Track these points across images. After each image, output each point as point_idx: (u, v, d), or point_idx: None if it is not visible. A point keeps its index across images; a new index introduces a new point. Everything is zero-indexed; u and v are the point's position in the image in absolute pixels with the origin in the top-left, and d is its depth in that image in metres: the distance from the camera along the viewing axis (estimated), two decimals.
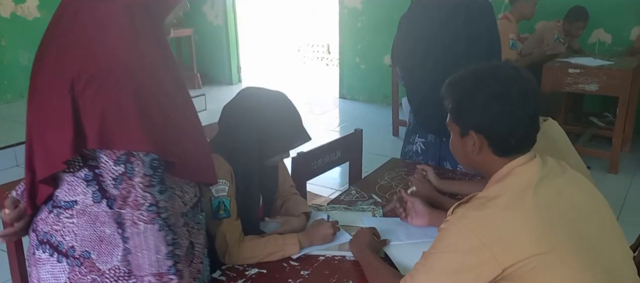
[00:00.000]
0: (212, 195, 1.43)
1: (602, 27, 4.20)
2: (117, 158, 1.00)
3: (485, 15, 2.09)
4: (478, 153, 1.16)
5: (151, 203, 1.02)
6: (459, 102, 1.18)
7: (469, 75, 1.20)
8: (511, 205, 1.05)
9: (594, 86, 3.47)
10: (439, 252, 1.10)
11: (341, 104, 5.72)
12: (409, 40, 2.19)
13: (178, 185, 1.15)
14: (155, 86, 1.02)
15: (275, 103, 1.52)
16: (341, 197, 1.87)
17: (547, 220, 1.03)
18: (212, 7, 6.38)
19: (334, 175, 3.47)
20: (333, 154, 2.12)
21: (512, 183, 1.09)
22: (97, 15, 1.02)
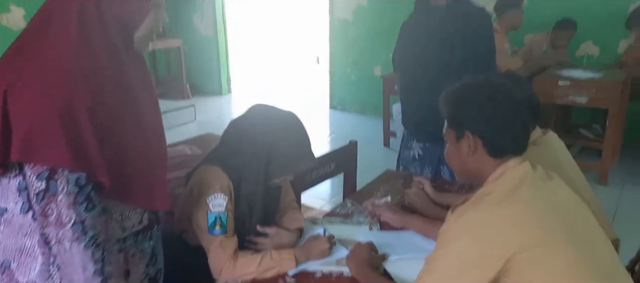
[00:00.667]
0: (208, 209, 1.40)
1: (590, 39, 4.25)
2: (39, 173, 0.98)
3: (484, 26, 2.16)
4: (473, 155, 1.19)
5: (76, 221, 1.00)
6: (454, 106, 1.23)
7: (464, 83, 1.26)
8: (504, 199, 1.09)
9: (584, 98, 3.49)
10: (441, 254, 1.12)
11: (331, 114, 5.71)
12: (409, 45, 2.24)
13: (118, 210, 1.12)
14: (94, 103, 0.99)
15: (285, 123, 1.49)
16: (337, 210, 1.84)
17: (541, 214, 1.07)
18: (202, 18, 6.35)
19: (326, 186, 3.44)
20: (327, 166, 2.10)
21: (506, 180, 1.13)
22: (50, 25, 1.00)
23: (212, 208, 1.39)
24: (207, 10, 6.28)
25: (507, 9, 3.71)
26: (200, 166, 1.51)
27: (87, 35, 1.00)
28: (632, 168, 3.78)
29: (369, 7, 5.31)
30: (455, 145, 1.23)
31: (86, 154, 0.99)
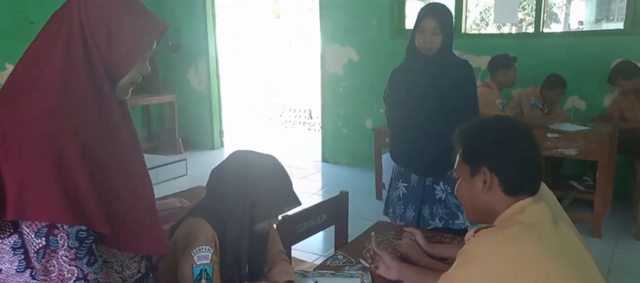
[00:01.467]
0: (193, 262, 1.37)
1: (576, 94, 4.35)
2: (38, 230, 0.95)
3: (466, 75, 2.40)
4: (487, 192, 1.19)
5: (78, 277, 0.97)
6: (471, 142, 1.24)
7: (480, 121, 1.31)
8: (528, 231, 1.10)
9: (573, 151, 3.53)
10: (459, 274, 1.12)
11: (323, 167, 5.71)
12: (400, 88, 2.45)
13: (118, 260, 1.10)
14: (85, 153, 0.97)
15: (265, 166, 1.49)
16: (328, 262, 1.80)
17: (559, 253, 1.10)
18: (196, 72, 6.45)
19: (318, 240, 3.39)
20: (318, 217, 2.08)
21: (528, 216, 1.14)
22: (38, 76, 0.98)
23: (198, 261, 1.37)
24: (201, 66, 6.39)
25: (499, 69, 3.88)
26: (185, 218, 1.49)
27: (75, 86, 1.00)
28: (625, 221, 3.77)
29: (359, 62, 5.43)
30: (469, 181, 1.23)
31: (84, 206, 0.96)
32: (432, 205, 2.43)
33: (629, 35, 4.17)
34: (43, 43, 1.02)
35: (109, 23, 1.02)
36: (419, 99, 2.33)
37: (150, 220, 1.13)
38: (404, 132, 2.43)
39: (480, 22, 10.18)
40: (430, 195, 2.43)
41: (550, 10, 11.06)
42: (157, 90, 6.00)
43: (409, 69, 2.40)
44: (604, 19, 11.36)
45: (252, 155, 1.53)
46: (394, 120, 2.51)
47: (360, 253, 1.84)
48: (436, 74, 2.29)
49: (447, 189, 2.41)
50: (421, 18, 2.29)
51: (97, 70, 1.02)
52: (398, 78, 2.46)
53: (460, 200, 1.31)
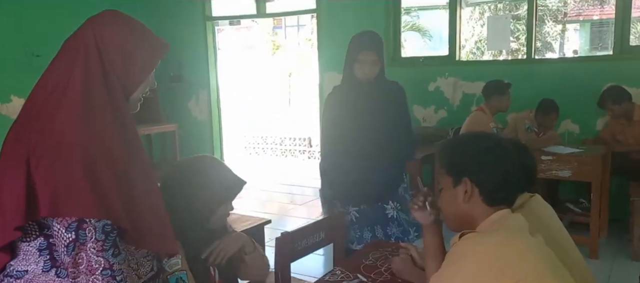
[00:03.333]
0: (167, 272, 1.42)
1: (569, 117, 4.44)
2: (68, 225, 1.04)
3: (400, 96, 2.55)
4: (468, 201, 1.27)
5: (105, 267, 1.06)
6: (454, 154, 1.32)
7: (463, 136, 1.37)
8: (516, 235, 1.19)
9: (567, 172, 3.59)
10: (448, 273, 1.17)
11: None
12: (338, 116, 2.54)
13: (134, 258, 1.19)
14: (108, 159, 1.08)
15: (197, 163, 1.59)
16: (326, 277, 1.85)
17: (542, 253, 1.18)
18: (197, 102, 6.56)
19: (318, 262, 3.42)
20: (317, 235, 2.13)
21: (511, 222, 1.23)
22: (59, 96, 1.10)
23: (170, 270, 1.43)
24: (202, 96, 6.50)
25: (493, 95, 3.98)
26: None
27: (96, 101, 1.11)
28: (622, 243, 3.79)
29: None
30: (451, 191, 1.31)
31: (109, 203, 1.06)
32: (385, 226, 2.49)
33: (618, 61, 4.29)
34: (61, 68, 1.14)
35: (124, 46, 1.16)
36: (362, 125, 2.44)
37: (164, 221, 1.22)
38: (347, 162, 2.47)
39: (476, 51, 10.38)
40: (381, 216, 2.50)
41: (545, 39, 11.29)
42: (158, 120, 6.09)
43: (348, 96, 2.49)
44: (597, 47, 11.59)
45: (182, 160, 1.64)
46: (331, 150, 2.57)
47: (359, 269, 1.89)
48: (375, 98, 2.44)
49: (397, 206, 2.48)
50: (360, 50, 2.40)
51: (115, 88, 1.15)
52: (335, 104, 2.55)
53: (442, 210, 1.39)
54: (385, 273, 1.85)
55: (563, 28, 12.25)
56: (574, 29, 12.80)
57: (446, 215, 1.38)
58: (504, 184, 1.26)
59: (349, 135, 2.45)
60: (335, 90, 2.58)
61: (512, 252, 1.15)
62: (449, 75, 4.96)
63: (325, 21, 5.61)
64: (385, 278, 1.82)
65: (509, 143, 1.34)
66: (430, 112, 5.08)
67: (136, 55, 1.17)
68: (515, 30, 9.04)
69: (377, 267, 1.91)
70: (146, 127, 5.81)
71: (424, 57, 5.39)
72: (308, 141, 8.29)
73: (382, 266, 1.91)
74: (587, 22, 12.41)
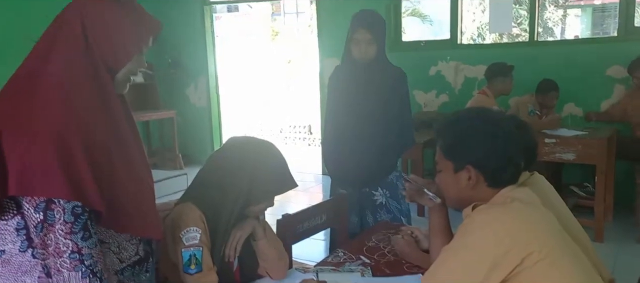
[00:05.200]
0: (183, 245, 1.38)
1: (572, 101, 4.38)
2: (36, 205, 1.01)
3: (400, 81, 2.43)
4: (472, 188, 1.23)
5: (73, 250, 1.02)
6: (455, 139, 1.26)
7: (463, 116, 1.31)
8: (530, 204, 1.18)
9: (571, 155, 3.54)
10: (460, 245, 1.15)
11: (324, 180, 5.71)
12: (337, 98, 2.46)
13: (115, 241, 1.14)
14: (85, 137, 1.04)
15: (264, 148, 1.53)
16: (329, 259, 1.81)
17: (553, 224, 1.18)
18: (195, 89, 6.50)
19: (319, 248, 3.39)
20: (318, 218, 2.08)
21: (521, 195, 1.21)
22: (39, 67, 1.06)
23: (186, 243, 1.38)
24: (200, 82, 6.44)
25: (496, 77, 3.93)
26: (177, 205, 1.52)
27: (76, 76, 1.06)
28: (627, 227, 3.75)
29: None
30: (452, 176, 1.27)
31: (81, 184, 1.02)
32: (374, 212, 2.43)
33: (623, 43, 4.22)
34: (46, 40, 1.10)
35: (108, 18, 1.10)
36: (355, 107, 2.36)
37: (147, 205, 1.18)
38: (340, 143, 2.43)
39: (477, 38, 10.29)
40: (370, 201, 2.43)
41: (546, 24, 11.19)
42: (157, 106, 6.04)
43: (345, 77, 2.44)
44: (599, 33, 11.49)
45: (249, 139, 1.58)
46: (330, 130, 2.51)
47: (361, 250, 1.85)
48: (372, 81, 2.35)
49: (386, 193, 2.41)
50: (355, 29, 2.33)
51: (96, 63, 1.09)
52: (335, 86, 2.49)
53: (442, 190, 1.35)
54: (389, 255, 1.81)
55: (564, 13, 12.15)
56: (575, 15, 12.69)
57: (447, 197, 1.35)
58: (508, 167, 1.23)
59: (343, 118, 2.41)
60: (336, 70, 2.53)
61: (525, 223, 1.14)
62: (450, 59, 4.89)
63: (324, 7, 5.53)
64: (388, 260, 1.78)
65: (510, 122, 1.28)
66: (432, 96, 5.02)
67: (121, 29, 1.11)
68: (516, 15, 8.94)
69: (380, 248, 1.87)
70: (144, 114, 5.76)
71: (425, 41, 5.32)
72: (308, 128, 8.24)
73: (385, 248, 1.87)
74: (589, 7, 12.30)
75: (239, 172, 1.46)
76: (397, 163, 2.52)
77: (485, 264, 1.11)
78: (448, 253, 1.19)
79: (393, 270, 1.69)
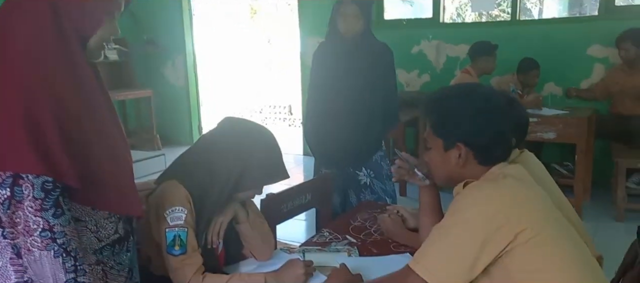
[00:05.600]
0: (167, 224, 1.32)
1: (552, 81, 4.40)
2: (2, 181, 0.94)
3: (385, 57, 2.37)
4: (463, 165, 1.20)
5: (44, 228, 0.96)
6: (445, 117, 1.22)
7: (452, 92, 1.27)
8: (521, 181, 1.16)
9: (552, 134, 3.56)
10: (451, 222, 1.13)
11: (305, 161, 5.67)
12: (321, 75, 2.39)
13: (92, 219, 1.08)
14: (55, 109, 0.97)
15: (260, 135, 1.47)
16: (314, 239, 1.77)
17: (546, 201, 1.17)
18: (172, 68, 6.35)
19: (302, 228, 3.36)
20: (303, 197, 2.04)
21: (512, 171, 1.18)
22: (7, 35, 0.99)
23: (171, 223, 1.33)
24: (178, 61, 6.29)
25: (480, 55, 3.91)
26: (159, 184, 1.45)
27: (44, 43, 1.00)
28: (605, 205, 3.81)
29: None
30: (442, 154, 1.23)
31: (51, 158, 0.96)
32: (358, 192, 2.39)
33: (604, 22, 4.23)
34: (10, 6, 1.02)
35: None
36: (340, 84, 2.30)
37: (125, 181, 1.12)
38: (324, 121, 2.37)
39: (456, 18, 10.28)
40: (354, 182, 2.39)
41: (524, 6, 11.25)
42: (133, 85, 5.88)
43: (330, 52, 2.37)
44: (576, 13, 11.59)
45: (245, 122, 1.51)
46: (313, 107, 2.44)
47: (347, 230, 1.81)
48: (358, 57, 2.29)
49: (370, 174, 2.37)
50: (342, 3, 2.27)
51: (66, 29, 1.02)
52: (319, 61, 2.42)
53: (431, 168, 1.32)
54: (375, 234, 1.78)
55: None
56: None
57: (436, 175, 1.32)
58: (498, 143, 1.20)
59: (328, 94, 2.34)
60: (320, 46, 2.46)
61: (518, 199, 1.12)
62: (432, 38, 4.86)
63: None
64: (375, 239, 1.75)
65: (500, 98, 1.25)
66: (414, 76, 4.99)
67: None
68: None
69: (366, 228, 1.84)
70: (120, 93, 5.61)
71: (407, 19, 5.27)
72: (288, 109, 8.16)
73: (371, 227, 1.84)
74: None
75: (231, 156, 1.40)
76: (382, 143, 2.47)
77: (478, 241, 1.09)
78: (439, 231, 1.16)
79: (380, 250, 1.66)
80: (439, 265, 1.13)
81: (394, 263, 1.53)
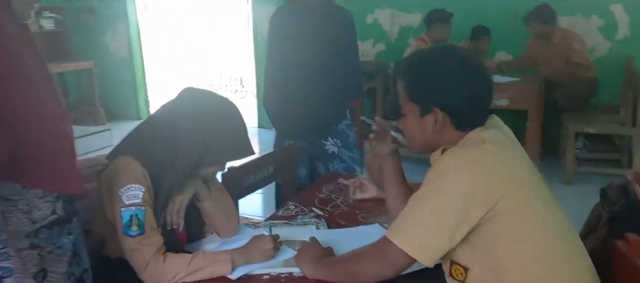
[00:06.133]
0: (122, 203, 1.21)
1: (503, 49, 4.48)
2: None
3: (347, 23, 2.25)
4: (439, 131, 1.16)
5: None
6: (419, 81, 1.17)
7: (426, 56, 1.21)
8: (500, 145, 1.13)
9: (505, 101, 3.63)
10: (429, 190, 1.09)
11: (260, 133, 5.55)
12: (279, 42, 2.25)
13: (24, 198, 0.97)
14: None
15: (224, 108, 1.36)
16: (279, 213, 1.70)
17: (524, 165, 1.15)
18: (113, 38, 5.99)
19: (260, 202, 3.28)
20: (265, 170, 1.95)
21: (490, 136, 1.14)
22: None
23: (126, 201, 1.22)
24: (119, 30, 5.94)
25: (435, 23, 3.92)
26: (112, 159, 1.33)
27: None
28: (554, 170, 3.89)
29: None
30: (418, 120, 1.18)
31: None
32: (327, 162, 2.31)
33: None
34: None
35: None
36: (301, 51, 2.19)
37: (64, 157, 1.02)
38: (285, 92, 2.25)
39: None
40: (320, 152, 2.31)
41: None
42: (70, 56, 5.53)
43: (289, 18, 2.24)
44: None
45: (209, 95, 1.40)
46: (272, 77, 2.31)
47: (313, 202, 1.75)
48: (319, 23, 2.18)
49: (337, 143, 2.30)
50: None
51: None
52: (278, 28, 2.28)
53: (407, 135, 1.27)
54: (342, 206, 1.73)
55: None
56: None
57: (412, 143, 1.27)
58: (476, 106, 1.16)
59: (289, 63, 2.22)
60: (278, 11, 2.32)
61: (498, 164, 1.10)
62: (386, 6, 4.82)
63: None
64: (342, 210, 1.70)
65: (475, 59, 1.21)
66: (369, 46, 4.95)
67: None
68: None
69: (332, 199, 1.78)
70: (58, 65, 5.25)
71: None
72: (239, 80, 7.95)
73: (337, 198, 1.79)
74: None
75: (193, 130, 1.30)
76: (347, 112, 2.39)
77: (458, 208, 1.06)
78: (417, 200, 1.12)
79: (348, 221, 1.61)
80: (418, 235, 1.09)
81: (363, 234, 1.49)
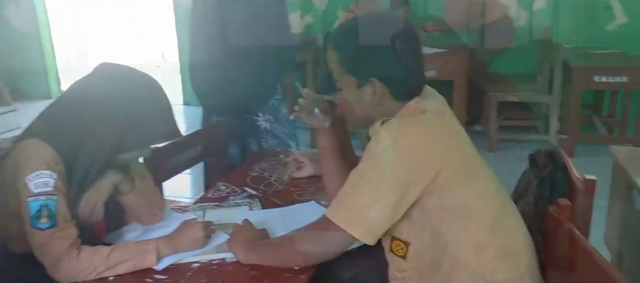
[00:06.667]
0: (30, 193, 1.07)
1: (430, 21, 4.53)
2: None
3: None
4: (378, 103, 1.12)
5: None
6: (355, 52, 1.12)
7: (361, 25, 1.15)
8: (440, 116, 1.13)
9: (432, 72, 3.67)
10: (369, 165, 1.06)
11: (186, 110, 5.31)
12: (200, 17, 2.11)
13: None
14: None
15: (144, 84, 1.23)
16: (208, 194, 1.59)
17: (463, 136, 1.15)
18: (16, 11, 5.43)
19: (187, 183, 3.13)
20: (193, 149, 1.82)
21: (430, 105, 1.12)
22: None
23: (34, 190, 1.08)
24: (23, 4, 5.40)
25: None
26: (17, 143, 1.17)
27: None
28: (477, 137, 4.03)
29: None
30: (355, 92, 1.13)
31: None
32: (259, 139, 2.21)
33: None
34: None
35: None
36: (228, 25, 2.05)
37: None
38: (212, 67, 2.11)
39: None
40: (252, 128, 2.21)
41: None
42: None
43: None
44: None
45: (129, 70, 1.25)
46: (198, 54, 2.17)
47: (245, 182, 1.66)
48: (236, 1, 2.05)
49: (269, 119, 2.22)
50: None
51: None
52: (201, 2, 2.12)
53: (342, 110, 1.22)
54: (276, 184, 1.65)
55: None
56: None
57: (350, 117, 1.22)
58: (413, 75, 1.13)
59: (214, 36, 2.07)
60: None
61: (439, 135, 1.09)
62: None
63: None
64: (276, 189, 1.62)
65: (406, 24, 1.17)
66: (296, 18, 4.82)
67: None
68: None
69: (266, 178, 1.70)
70: None
71: None
72: (161, 55, 7.55)
73: (271, 176, 1.70)
74: None
75: (112, 110, 1.16)
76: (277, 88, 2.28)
77: (400, 183, 1.03)
78: (357, 176, 1.08)
79: (283, 200, 1.54)
80: (359, 213, 1.04)
81: (300, 213, 1.43)
